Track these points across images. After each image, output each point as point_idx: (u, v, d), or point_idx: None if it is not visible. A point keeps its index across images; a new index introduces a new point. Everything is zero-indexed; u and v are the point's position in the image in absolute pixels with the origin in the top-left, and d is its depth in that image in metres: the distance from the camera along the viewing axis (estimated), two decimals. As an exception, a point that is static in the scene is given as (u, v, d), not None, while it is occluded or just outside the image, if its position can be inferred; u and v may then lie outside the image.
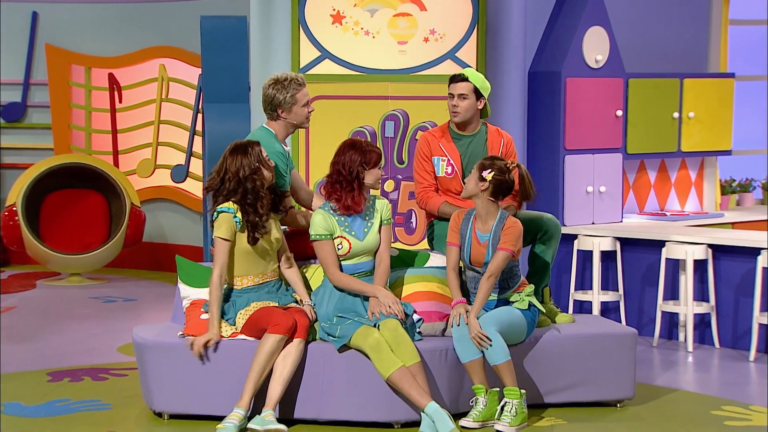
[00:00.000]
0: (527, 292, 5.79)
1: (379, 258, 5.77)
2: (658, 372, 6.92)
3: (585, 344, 5.92)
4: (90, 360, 7.08)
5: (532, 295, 5.81)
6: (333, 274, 5.72)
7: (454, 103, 6.12)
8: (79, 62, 11.03)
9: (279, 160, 5.83)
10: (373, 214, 5.78)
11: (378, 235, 5.77)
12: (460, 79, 6.11)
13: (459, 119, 6.15)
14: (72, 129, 11.12)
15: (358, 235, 5.74)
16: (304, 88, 5.93)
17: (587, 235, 7.93)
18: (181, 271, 5.99)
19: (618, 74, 8.26)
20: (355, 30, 8.00)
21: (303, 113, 5.93)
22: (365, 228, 5.75)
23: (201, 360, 5.57)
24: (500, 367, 5.55)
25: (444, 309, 5.88)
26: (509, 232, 5.68)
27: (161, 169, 10.89)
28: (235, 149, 5.67)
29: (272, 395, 5.45)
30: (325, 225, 5.72)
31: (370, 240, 5.75)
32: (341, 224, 5.74)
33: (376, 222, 5.77)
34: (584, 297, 7.93)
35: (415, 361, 5.48)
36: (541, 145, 8.12)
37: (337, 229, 5.73)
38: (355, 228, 5.74)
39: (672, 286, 7.74)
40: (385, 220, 5.79)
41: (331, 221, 5.73)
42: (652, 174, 8.81)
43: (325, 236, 5.72)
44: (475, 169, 5.74)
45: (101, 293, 9.69)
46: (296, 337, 5.53)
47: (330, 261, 5.72)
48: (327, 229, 5.71)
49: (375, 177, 5.72)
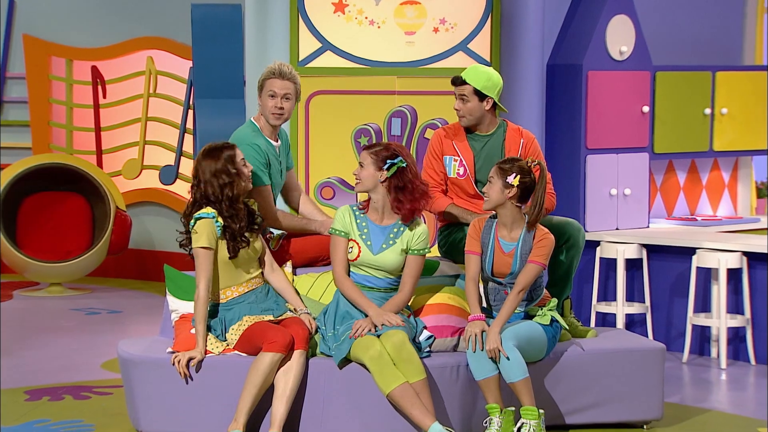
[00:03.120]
0: (550, 307, 5.79)
1: (402, 286, 5.76)
2: (689, 391, 6.90)
3: (608, 361, 5.91)
4: (71, 377, 7.08)
5: (555, 310, 5.81)
6: (337, 273, 5.74)
7: (457, 107, 6.18)
8: (60, 54, 11.04)
9: (252, 154, 5.85)
10: (401, 235, 5.74)
11: (399, 258, 5.72)
12: (459, 82, 6.15)
13: (465, 123, 6.21)
14: (52, 126, 11.13)
15: (373, 246, 5.72)
16: (276, 79, 5.93)
17: (611, 241, 7.92)
18: (169, 282, 5.99)
19: (644, 67, 8.26)
20: (359, 19, 8.01)
21: (267, 104, 5.94)
22: (384, 244, 5.73)
23: (186, 380, 5.57)
24: (517, 385, 5.55)
25: (456, 323, 5.87)
26: (542, 244, 5.69)
27: (149, 170, 10.89)
28: (206, 153, 5.67)
29: (276, 415, 5.45)
30: (343, 222, 5.74)
31: (384, 258, 5.71)
32: (359, 228, 5.74)
33: (398, 245, 5.72)
34: (607, 309, 7.92)
35: (419, 378, 5.47)
36: (560, 144, 8.12)
37: (354, 231, 5.73)
38: (372, 239, 5.73)
39: (703, 297, 7.73)
40: (415, 250, 5.72)
41: (349, 220, 5.74)
42: (682, 175, 8.80)
43: (339, 232, 5.74)
44: (496, 177, 5.71)
45: (83, 304, 9.70)
46: (296, 348, 5.52)
47: (338, 259, 5.73)
48: (344, 227, 5.74)
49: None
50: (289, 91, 5.97)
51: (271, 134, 6.02)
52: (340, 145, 7.94)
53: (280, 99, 5.95)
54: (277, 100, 5.95)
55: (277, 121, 5.99)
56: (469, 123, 6.19)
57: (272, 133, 6.03)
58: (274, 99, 5.95)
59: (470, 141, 6.22)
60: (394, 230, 5.74)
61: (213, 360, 5.63)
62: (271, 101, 5.95)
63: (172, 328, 5.92)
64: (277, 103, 5.95)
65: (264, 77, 5.99)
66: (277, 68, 5.97)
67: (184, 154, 10.46)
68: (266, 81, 5.97)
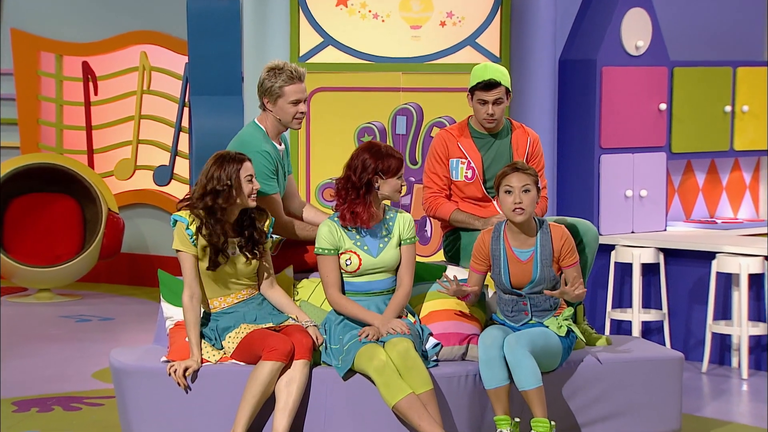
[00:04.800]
0: (565, 316, 5.79)
1: (400, 280, 5.76)
2: (708, 402, 6.90)
3: (624, 370, 5.91)
4: (61, 387, 7.09)
5: (570, 320, 5.81)
6: (331, 295, 5.71)
7: (491, 112, 6.10)
8: (49, 49, 11.06)
9: (262, 161, 5.80)
10: (392, 229, 5.76)
11: (396, 252, 5.74)
12: (494, 85, 6.08)
13: (495, 126, 6.17)
14: (41, 125, 11.15)
15: (372, 250, 5.72)
16: (298, 84, 5.84)
17: (626, 245, 7.92)
18: (164, 288, 5.99)
19: (661, 62, 8.26)
20: (363, 13, 8.01)
21: (289, 111, 5.84)
22: (381, 244, 5.73)
23: (185, 390, 5.56)
24: (530, 393, 5.54)
25: (465, 329, 5.87)
26: (568, 243, 5.75)
27: (142, 171, 10.90)
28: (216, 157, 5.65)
29: (278, 429, 5.44)
30: (330, 239, 5.70)
31: (385, 257, 5.72)
32: (351, 237, 5.72)
33: (394, 238, 5.74)
34: (623, 316, 7.92)
35: (426, 389, 5.47)
36: (573, 143, 8.12)
37: (345, 242, 5.71)
38: (368, 242, 5.73)
39: (724, 304, 7.73)
40: (407, 239, 5.76)
41: (338, 234, 5.71)
42: (701, 176, 8.80)
43: (328, 251, 5.71)
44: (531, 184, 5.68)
45: (74, 311, 9.70)
46: (298, 358, 5.51)
47: (330, 280, 5.70)
48: (332, 244, 5.70)
49: (393, 188, 5.69)
50: (306, 93, 5.93)
51: (276, 138, 5.95)
52: (342, 144, 7.94)
53: (303, 103, 5.91)
54: (302, 105, 5.89)
55: (300, 126, 5.92)
56: (498, 126, 6.18)
57: (277, 137, 5.97)
58: (299, 105, 5.86)
59: (477, 141, 6.21)
60: (384, 226, 5.75)
61: (209, 369, 5.62)
62: (296, 107, 5.85)
63: (167, 336, 5.91)
64: (303, 109, 5.88)
65: (282, 83, 5.82)
66: (294, 71, 5.84)
67: (179, 154, 10.47)
68: (286, 88, 5.82)
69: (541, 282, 5.71)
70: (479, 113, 6.13)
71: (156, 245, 10.89)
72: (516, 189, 5.64)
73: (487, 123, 6.14)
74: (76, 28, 10.99)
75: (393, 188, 5.69)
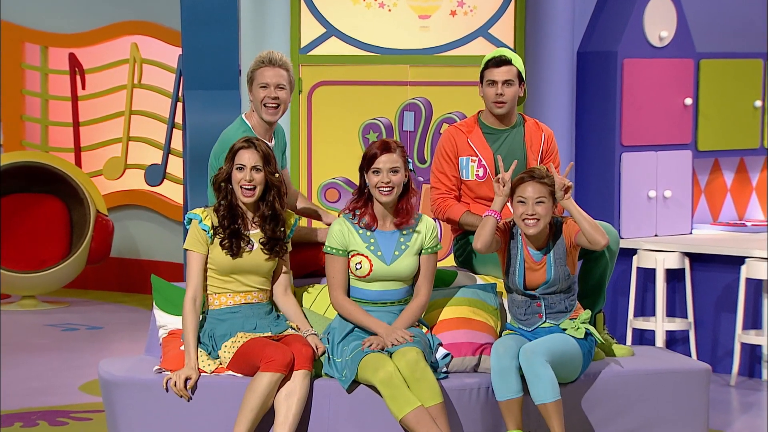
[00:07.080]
0: (582, 319, 5.79)
1: (417, 290, 5.76)
2: (736, 416, 6.91)
3: (647, 382, 5.91)
4: (46, 401, 7.09)
5: (588, 323, 5.81)
6: (335, 298, 5.72)
7: (500, 92, 6.10)
8: (34, 40, 11.08)
9: None
10: (412, 236, 5.73)
11: (414, 260, 5.73)
12: (505, 62, 6.10)
13: (505, 110, 6.14)
14: (25, 121, 11.17)
15: (385, 257, 5.71)
16: (267, 68, 5.88)
17: (649, 249, 7.92)
18: (157, 294, 6.00)
19: (687, 54, 8.26)
20: (368, 1, 8.03)
21: (258, 96, 5.89)
22: (396, 251, 5.72)
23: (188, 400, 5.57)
24: (548, 407, 5.54)
25: (477, 338, 5.87)
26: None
27: (133, 170, 10.92)
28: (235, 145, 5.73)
29: (278, 444, 5.46)
30: (340, 239, 5.71)
31: (400, 266, 5.70)
32: (365, 240, 5.71)
33: (413, 246, 5.71)
34: (645, 325, 7.93)
35: (436, 402, 5.47)
36: (592, 140, 8.13)
37: (357, 245, 5.70)
38: (382, 248, 5.72)
39: (753, 312, 7.73)
40: (428, 248, 5.74)
41: (350, 235, 5.71)
42: (729, 176, 8.80)
43: (337, 251, 5.71)
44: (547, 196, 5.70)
45: (60, 320, 9.72)
46: (298, 369, 5.52)
47: (336, 281, 5.71)
48: (341, 244, 5.70)
49: (371, 184, 5.68)
50: (282, 80, 5.93)
51: (265, 133, 5.95)
52: (346, 142, 7.96)
53: (273, 89, 5.92)
54: (270, 90, 5.91)
55: (273, 116, 5.93)
56: (507, 110, 6.15)
57: (266, 131, 5.96)
58: (267, 89, 5.91)
59: (488, 137, 6.19)
60: (404, 233, 5.73)
61: (204, 380, 5.62)
62: (263, 92, 5.91)
63: (159, 345, 5.92)
64: (270, 93, 5.91)
65: (253, 68, 5.94)
66: (266, 56, 5.93)
67: (172, 152, 10.46)
68: (255, 72, 5.92)
69: (556, 282, 5.73)
70: (489, 96, 6.12)
71: (147, 249, 10.91)
72: (530, 200, 5.66)
73: (497, 108, 6.11)
74: (62, 18, 11.02)
75: (371, 184, 5.69)
